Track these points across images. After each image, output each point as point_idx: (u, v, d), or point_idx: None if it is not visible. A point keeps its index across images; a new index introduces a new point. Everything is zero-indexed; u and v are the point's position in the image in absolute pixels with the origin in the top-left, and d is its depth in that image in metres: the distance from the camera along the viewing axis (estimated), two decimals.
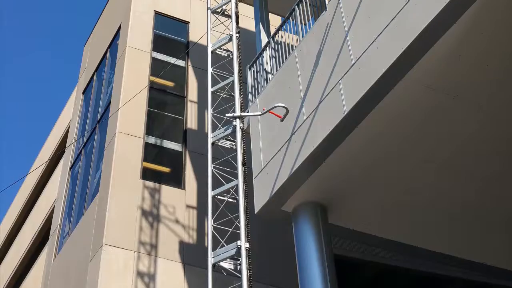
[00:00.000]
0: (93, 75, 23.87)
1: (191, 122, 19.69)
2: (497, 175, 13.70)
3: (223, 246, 13.60)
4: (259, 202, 14.23)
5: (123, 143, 18.22)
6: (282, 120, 13.28)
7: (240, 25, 17.06)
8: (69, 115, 27.04)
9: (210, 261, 13.47)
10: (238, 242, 13.18)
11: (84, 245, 17.56)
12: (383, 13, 11.69)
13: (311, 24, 14.52)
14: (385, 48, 11.43)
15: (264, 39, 17.50)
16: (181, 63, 20.98)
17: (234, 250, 13.22)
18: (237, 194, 13.80)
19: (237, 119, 14.65)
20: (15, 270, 29.44)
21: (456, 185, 13.84)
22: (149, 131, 19.02)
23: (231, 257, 13.34)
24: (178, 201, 17.84)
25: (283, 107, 13.00)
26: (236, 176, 14.12)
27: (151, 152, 18.77)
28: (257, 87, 15.98)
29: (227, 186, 14.18)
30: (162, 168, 18.95)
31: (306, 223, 13.68)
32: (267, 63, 15.95)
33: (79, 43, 71.84)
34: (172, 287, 16.38)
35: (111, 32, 23.15)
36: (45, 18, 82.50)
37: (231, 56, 16.01)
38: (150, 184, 17.81)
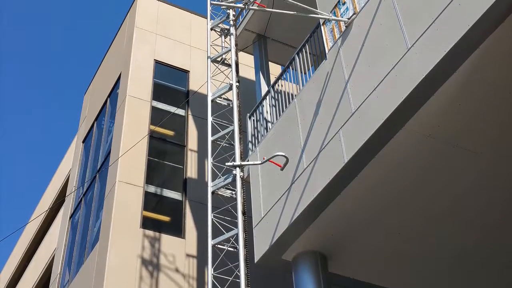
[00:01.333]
0: (93, 124, 23.94)
1: (191, 171, 19.70)
2: (497, 223, 13.68)
3: None
4: (259, 251, 14.19)
5: (123, 192, 18.22)
6: (282, 169, 13.29)
7: (240, 74, 17.16)
8: (69, 164, 27.07)
9: None
10: None
11: None
12: (383, 62, 11.76)
13: (311, 73, 14.60)
14: (385, 97, 11.48)
15: (264, 88, 17.61)
16: (181, 112, 21.05)
17: None
18: (237, 243, 13.75)
19: (237, 168, 14.66)
20: None
21: (456, 233, 13.80)
22: (149, 180, 19.03)
23: None
24: (178, 250, 17.79)
25: (283, 156, 13.02)
26: (236, 225, 14.08)
27: (151, 201, 18.76)
28: (257, 136, 16.02)
29: (227, 235, 14.14)
30: (162, 217, 18.91)
31: (306, 272, 13.62)
32: (267, 112, 16.00)
33: (79, 92, 72.12)
34: None
35: (111, 81, 23.27)
36: (45, 68, 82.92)
37: (231, 105, 16.06)
38: (150, 233, 17.77)
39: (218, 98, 16.40)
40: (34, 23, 78.58)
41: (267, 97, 16.17)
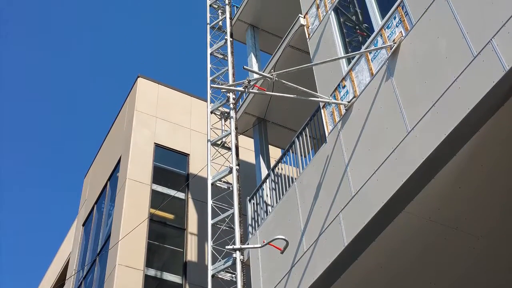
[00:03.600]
0: (93, 207, 23.90)
1: (191, 254, 19.59)
2: None
3: None
4: None
5: (123, 276, 18.08)
6: (282, 253, 13.21)
7: (240, 157, 17.20)
8: (69, 247, 26.94)
9: None
10: None
11: None
12: (383, 146, 11.80)
13: (311, 156, 14.64)
14: (385, 181, 11.48)
15: (264, 171, 17.61)
16: (181, 195, 21.04)
17: None
18: None
19: (237, 252, 14.58)
20: None
21: None
22: (149, 263, 18.92)
23: None
24: None
25: (283, 239, 12.96)
26: None
27: (151, 285, 18.60)
28: (257, 219, 15.97)
29: None
30: None
31: None
32: (267, 195, 15.99)
33: (79, 175, 72.17)
34: None
35: (111, 164, 23.32)
36: (45, 149, 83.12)
37: (231, 188, 16.06)
38: None
39: (218, 182, 16.41)
40: (35, 102, 79.08)
41: (267, 180, 16.18)
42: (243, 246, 14.63)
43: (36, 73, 76.04)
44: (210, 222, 15.61)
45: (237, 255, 14.55)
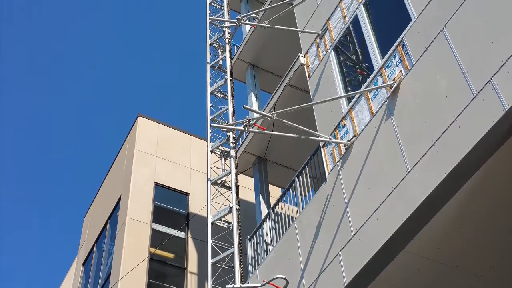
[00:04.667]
0: (93, 246, 23.83)
1: None
2: None
3: None
4: None
5: None
6: None
7: (240, 196, 17.17)
8: (69, 287, 26.79)
9: None
10: None
11: None
12: (383, 185, 11.79)
13: (311, 195, 14.62)
14: (385, 220, 11.46)
15: (264, 211, 17.59)
16: (181, 234, 20.99)
17: None
18: None
19: None
20: None
21: None
22: None
23: None
24: None
25: (283, 278, 12.91)
26: None
27: None
28: (257, 258, 15.92)
29: None
30: None
31: None
32: (267, 234, 15.95)
33: (79, 214, 72.08)
34: None
35: (111, 203, 23.29)
36: (44, 189, 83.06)
37: (231, 228, 16.02)
38: None
39: (218, 221, 16.36)
40: (34, 141, 79.17)
41: (267, 219, 16.15)
42: (243, 285, 14.55)
43: (36, 111, 76.19)
44: (210, 261, 15.55)
45: None
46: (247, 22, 18.36)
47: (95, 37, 75.45)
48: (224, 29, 20.17)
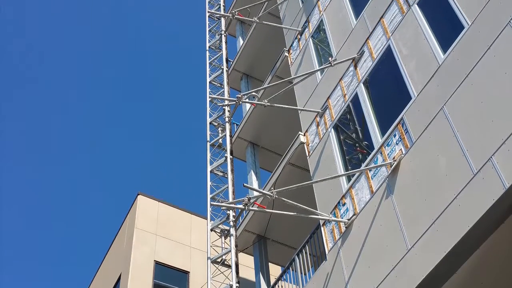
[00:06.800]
0: None
1: None
2: None
3: None
4: None
5: None
6: None
7: (240, 275, 17.06)
8: None
9: None
10: None
11: None
12: (383, 263, 11.71)
13: (311, 274, 14.52)
14: None
15: None
16: None
17: None
18: None
19: None
20: None
21: None
22: None
23: None
24: None
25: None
26: None
27: None
28: None
29: None
30: None
31: None
32: None
33: None
34: None
35: (111, 281, 23.15)
36: (45, 267, 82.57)
37: None
38: None
39: None
40: (35, 220, 79.00)
41: None
42: None
43: (36, 189, 76.20)
44: None
45: None
46: (247, 100, 18.48)
47: (95, 115, 75.93)
48: (224, 107, 20.30)
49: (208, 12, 23.75)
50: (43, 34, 72.97)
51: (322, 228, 14.40)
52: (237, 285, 16.05)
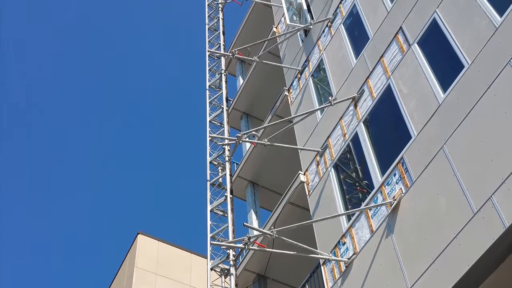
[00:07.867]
0: None
1: None
2: None
3: None
4: None
5: None
6: None
7: None
8: None
9: None
10: None
11: None
12: None
13: None
14: None
15: None
16: None
17: None
18: None
19: None
20: None
21: None
22: None
23: None
24: None
25: None
26: None
27: None
28: None
29: None
30: None
31: None
32: None
33: None
34: None
35: None
36: None
37: None
38: None
39: None
40: (35, 262, 78.69)
41: None
42: None
43: (36, 233, 75.99)
44: None
45: None
46: (247, 139, 18.51)
47: (95, 156, 75.98)
48: (224, 146, 20.29)
49: (208, 51, 23.82)
50: (43, 76, 73.30)
51: (322, 267, 14.34)
52: None
